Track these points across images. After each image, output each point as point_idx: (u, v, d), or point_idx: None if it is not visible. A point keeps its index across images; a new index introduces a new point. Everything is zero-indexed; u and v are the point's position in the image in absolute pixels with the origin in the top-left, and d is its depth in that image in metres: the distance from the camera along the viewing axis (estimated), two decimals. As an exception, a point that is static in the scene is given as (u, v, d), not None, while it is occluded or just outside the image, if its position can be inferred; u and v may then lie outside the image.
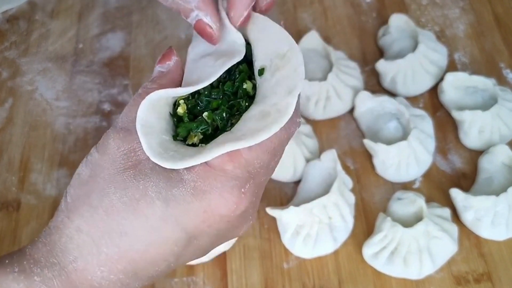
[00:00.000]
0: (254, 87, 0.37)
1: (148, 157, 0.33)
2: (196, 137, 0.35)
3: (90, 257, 0.32)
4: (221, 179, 0.33)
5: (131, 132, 0.34)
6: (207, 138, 0.35)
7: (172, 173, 0.33)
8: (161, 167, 0.33)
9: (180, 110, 0.36)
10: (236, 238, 0.61)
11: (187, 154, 0.33)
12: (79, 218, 0.33)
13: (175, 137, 0.36)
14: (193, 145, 0.35)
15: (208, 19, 0.35)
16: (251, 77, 0.37)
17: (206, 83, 0.35)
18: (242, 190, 0.33)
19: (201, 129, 0.35)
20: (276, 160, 0.36)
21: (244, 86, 0.37)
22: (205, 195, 0.32)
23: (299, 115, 0.36)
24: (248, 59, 0.38)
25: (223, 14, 0.37)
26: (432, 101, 0.70)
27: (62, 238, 0.33)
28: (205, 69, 0.36)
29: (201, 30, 0.36)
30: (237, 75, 0.37)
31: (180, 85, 0.37)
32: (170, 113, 0.36)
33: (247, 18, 0.37)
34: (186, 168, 0.33)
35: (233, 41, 0.37)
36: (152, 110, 0.35)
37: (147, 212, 0.32)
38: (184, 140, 0.36)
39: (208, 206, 0.33)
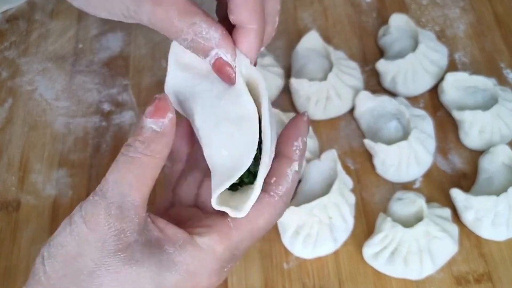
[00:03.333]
0: None
1: (136, 240, 0.32)
2: None
3: None
4: (211, 262, 0.34)
5: (122, 209, 0.32)
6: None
7: (163, 255, 0.32)
8: (151, 250, 0.32)
9: None
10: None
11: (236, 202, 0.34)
12: None
13: None
14: None
15: (228, 58, 0.35)
16: None
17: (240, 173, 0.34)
18: (225, 269, 0.35)
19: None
20: (254, 244, 0.37)
21: None
22: (196, 277, 0.33)
23: (287, 202, 0.36)
24: None
25: None
26: (432, 101, 0.70)
27: None
28: (212, 109, 0.36)
29: (220, 69, 0.35)
30: None
31: (169, 149, 0.34)
32: None
33: (255, 64, 0.37)
34: (177, 249, 0.33)
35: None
36: None
37: None
38: None
39: (196, 285, 0.33)
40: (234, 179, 0.34)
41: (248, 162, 0.34)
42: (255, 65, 0.37)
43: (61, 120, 0.72)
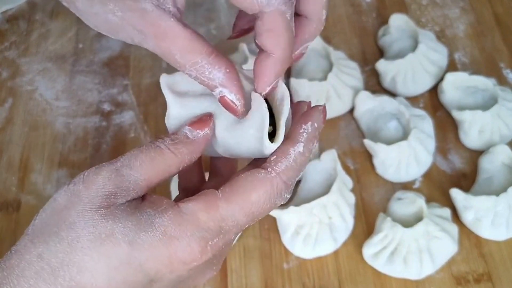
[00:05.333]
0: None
1: (123, 203, 0.33)
2: None
3: (45, 287, 0.31)
4: (192, 228, 0.32)
5: (123, 178, 0.33)
6: None
7: (143, 216, 0.32)
8: (133, 210, 0.32)
9: None
10: (236, 238, 0.61)
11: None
12: (43, 245, 0.32)
13: None
14: None
15: (232, 96, 0.35)
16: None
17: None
18: (210, 243, 0.33)
19: None
20: (251, 223, 0.36)
21: None
22: (173, 241, 0.32)
23: (290, 191, 0.35)
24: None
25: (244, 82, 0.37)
26: (432, 101, 0.70)
27: (21, 263, 0.32)
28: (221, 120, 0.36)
29: (225, 105, 0.35)
30: None
31: (192, 159, 0.35)
32: None
33: (274, 87, 0.36)
34: (158, 212, 0.33)
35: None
36: None
37: (111, 252, 0.32)
38: None
39: (174, 252, 0.32)
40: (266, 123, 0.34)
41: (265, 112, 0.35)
42: (270, 91, 0.36)
43: (61, 120, 0.72)
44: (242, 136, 0.36)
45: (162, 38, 0.34)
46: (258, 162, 0.36)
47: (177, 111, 0.37)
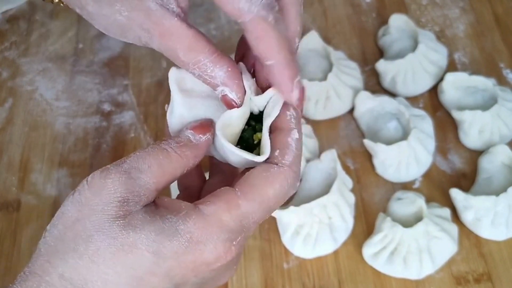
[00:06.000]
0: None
1: (138, 210, 0.32)
2: None
3: None
4: (217, 231, 0.32)
5: (133, 182, 0.32)
6: None
7: (165, 224, 0.32)
8: (152, 218, 0.32)
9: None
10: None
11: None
12: (63, 264, 0.31)
13: None
14: None
15: (233, 95, 0.35)
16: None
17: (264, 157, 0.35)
18: (234, 242, 0.33)
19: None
20: (267, 217, 0.36)
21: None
22: (199, 246, 0.32)
23: (297, 171, 0.36)
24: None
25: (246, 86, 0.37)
26: (432, 101, 0.70)
27: (41, 286, 0.31)
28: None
29: (227, 103, 0.36)
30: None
31: (195, 162, 0.36)
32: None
33: (301, 88, 0.37)
34: (180, 217, 0.32)
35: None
36: None
37: (135, 264, 0.31)
38: None
39: (199, 256, 0.32)
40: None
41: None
42: (301, 95, 0.36)
43: (61, 120, 0.72)
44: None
45: (166, 36, 0.34)
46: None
47: (180, 110, 0.37)
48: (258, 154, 0.36)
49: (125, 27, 0.35)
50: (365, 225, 0.62)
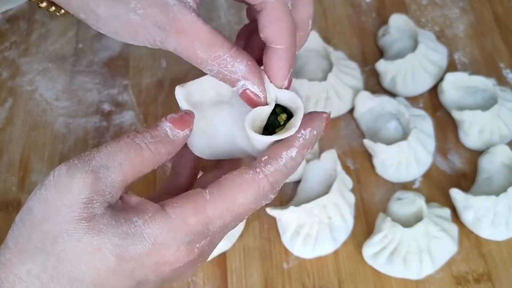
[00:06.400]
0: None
1: (103, 212, 0.32)
2: None
3: None
4: (181, 233, 0.32)
5: (99, 181, 0.32)
6: None
7: (131, 228, 0.32)
8: (117, 222, 0.32)
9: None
10: (236, 237, 0.61)
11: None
12: (30, 262, 0.31)
13: None
14: None
15: (255, 89, 0.35)
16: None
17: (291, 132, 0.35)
18: (197, 245, 0.33)
19: None
20: (236, 224, 0.35)
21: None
22: (162, 249, 0.32)
23: (275, 193, 0.35)
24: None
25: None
26: (432, 101, 0.70)
27: (9, 277, 0.31)
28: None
29: (248, 99, 0.35)
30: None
31: (167, 158, 0.35)
32: None
33: (290, 80, 0.36)
34: (146, 221, 0.32)
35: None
36: None
37: (99, 264, 0.31)
38: None
39: (162, 258, 0.32)
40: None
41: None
42: (289, 84, 0.36)
43: (61, 120, 0.72)
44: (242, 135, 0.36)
45: (183, 33, 0.34)
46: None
47: (199, 126, 0.36)
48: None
49: (138, 27, 0.34)
50: (365, 225, 0.62)
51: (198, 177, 0.41)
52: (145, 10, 0.34)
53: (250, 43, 0.39)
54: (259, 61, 0.37)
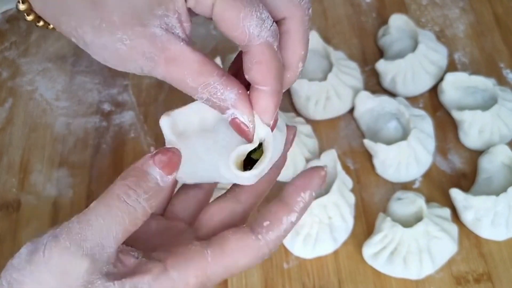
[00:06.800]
0: None
1: (105, 287, 0.31)
2: None
3: None
4: None
5: (96, 263, 0.31)
6: None
7: None
8: None
9: None
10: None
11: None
12: None
13: None
14: None
15: (244, 118, 0.35)
16: None
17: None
18: None
19: None
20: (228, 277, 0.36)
21: None
22: None
23: (272, 250, 0.35)
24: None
25: None
26: (432, 101, 0.70)
27: None
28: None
29: (237, 127, 0.35)
30: None
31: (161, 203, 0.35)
32: None
33: (276, 120, 0.36)
34: (150, 286, 0.32)
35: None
36: None
37: None
38: None
39: None
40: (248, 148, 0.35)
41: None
42: (274, 124, 0.36)
43: (62, 120, 0.72)
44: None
45: (172, 62, 0.33)
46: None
47: (184, 156, 0.35)
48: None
49: (126, 56, 0.34)
50: (365, 225, 0.62)
51: (176, 190, 0.41)
52: (132, 41, 0.33)
53: (241, 71, 0.39)
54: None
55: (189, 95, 0.35)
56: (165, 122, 0.36)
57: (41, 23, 0.39)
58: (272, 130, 0.36)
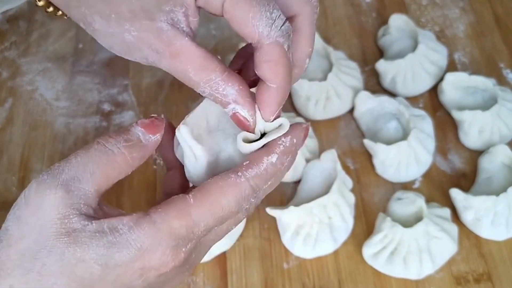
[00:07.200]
0: None
1: (83, 225, 0.31)
2: None
3: None
4: (166, 238, 0.33)
5: (71, 195, 0.32)
6: None
7: (116, 237, 0.32)
8: (101, 232, 0.31)
9: None
10: (236, 237, 0.61)
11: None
12: (11, 278, 0.31)
13: None
14: None
15: (245, 113, 0.36)
16: None
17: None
18: (183, 249, 0.34)
19: None
20: (224, 228, 0.36)
21: None
22: (148, 254, 0.32)
23: (256, 198, 0.36)
24: None
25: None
26: (432, 101, 0.70)
27: None
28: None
29: (238, 121, 0.36)
30: None
31: (140, 163, 0.35)
32: None
33: (278, 115, 0.37)
34: (131, 228, 0.32)
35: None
36: None
37: (84, 275, 0.31)
38: None
39: (147, 263, 0.32)
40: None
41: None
42: (275, 118, 0.37)
43: (62, 120, 0.72)
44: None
45: (176, 56, 0.34)
46: None
47: (207, 159, 0.37)
48: None
49: (132, 47, 0.35)
50: (365, 225, 0.62)
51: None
52: (139, 33, 0.34)
53: (248, 63, 0.40)
54: (255, 83, 0.37)
55: (186, 96, 0.36)
56: (186, 131, 0.37)
57: (51, 8, 0.40)
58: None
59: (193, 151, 0.37)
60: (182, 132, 0.36)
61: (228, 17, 0.34)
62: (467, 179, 0.64)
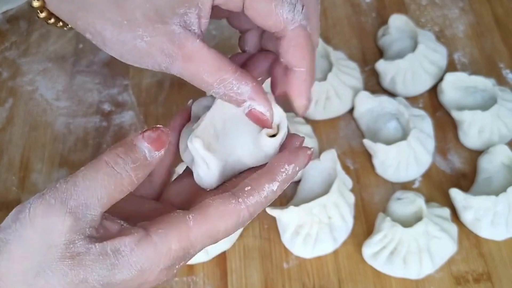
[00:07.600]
0: None
1: (87, 248, 0.32)
2: None
3: None
4: (165, 259, 0.33)
5: (79, 222, 0.32)
6: None
7: (118, 259, 0.32)
8: (104, 255, 0.32)
9: None
10: (236, 237, 0.61)
11: None
12: None
13: None
14: None
15: (261, 108, 0.37)
16: None
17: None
18: (177, 267, 0.35)
19: None
20: (212, 244, 0.37)
21: None
22: (146, 273, 0.33)
23: (253, 215, 0.36)
24: None
25: None
26: (431, 101, 0.70)
27: None
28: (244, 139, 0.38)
29: (254, 118, 0.37)
30: None
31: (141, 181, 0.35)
32: None
33: (309, 102, 0.38)
34: (132, 249, 0.32)
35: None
36: None
37: None
38: None
39: (145, 280, 0.33)
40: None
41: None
42: (309, 102, 0.38)
43: (62, 120, 0.72)
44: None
45: (190, 59, 0.35)
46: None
47: (218, 168, 0.37)
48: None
49: (144, 53, 0.35)
50: (365, 225, 0.62)
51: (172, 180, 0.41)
52: (152, 38, 0.34)
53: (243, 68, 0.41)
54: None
55: (186, 96, 0.36)
56: (199, 143, 0.37)
57: (52, 20, 0.40)
58: (306, 109, 0.38)
59: (206, 161, 0.37)
60: (196, 145, 0.36)
61: (251, 12, 0.35)
62: (467, 179, 0.64)
